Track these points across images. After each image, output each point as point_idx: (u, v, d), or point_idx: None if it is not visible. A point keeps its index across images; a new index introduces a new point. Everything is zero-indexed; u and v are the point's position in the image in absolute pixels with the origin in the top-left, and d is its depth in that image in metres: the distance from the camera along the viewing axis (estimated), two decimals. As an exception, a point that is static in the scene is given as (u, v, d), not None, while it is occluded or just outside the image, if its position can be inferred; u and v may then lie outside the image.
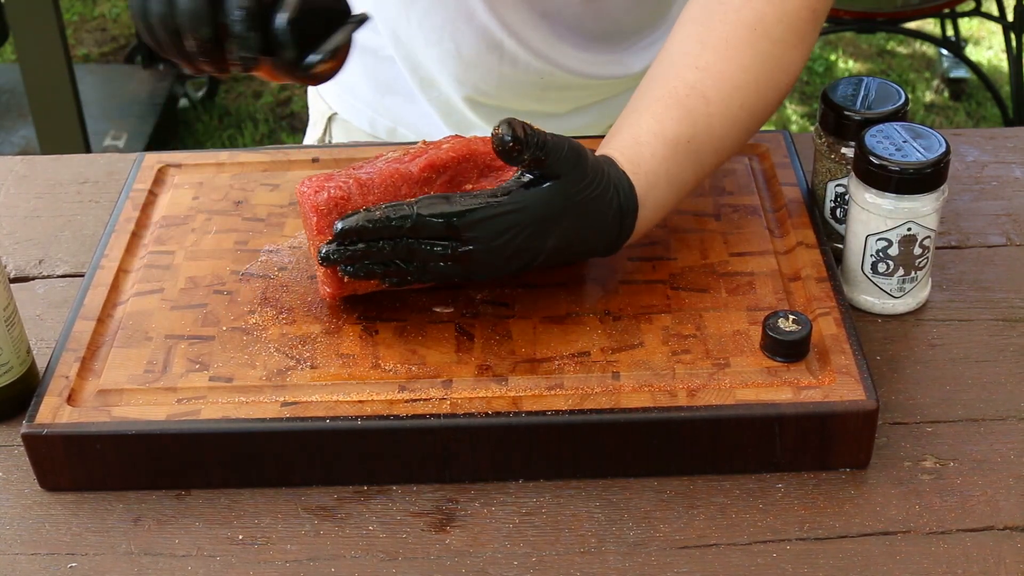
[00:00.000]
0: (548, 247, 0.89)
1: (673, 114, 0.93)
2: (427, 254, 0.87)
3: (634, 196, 0.91)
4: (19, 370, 0.93)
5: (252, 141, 3.08)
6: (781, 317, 0.89)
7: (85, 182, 1.18)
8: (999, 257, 1.05)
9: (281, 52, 0.86)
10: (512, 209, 0.87)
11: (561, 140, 0.87)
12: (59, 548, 0.85)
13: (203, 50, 0.86)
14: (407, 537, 0.85)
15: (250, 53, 0.85)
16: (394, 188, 0.91)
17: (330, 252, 0.88)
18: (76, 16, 3.61)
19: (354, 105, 1.27)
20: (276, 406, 0.88)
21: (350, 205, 0.90)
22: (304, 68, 0.88)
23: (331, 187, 0.90)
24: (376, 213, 0.86)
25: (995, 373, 0.95)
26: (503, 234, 0.87)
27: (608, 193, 0.89)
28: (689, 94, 0.94)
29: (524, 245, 0.88)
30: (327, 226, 0.90)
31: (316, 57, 0.87)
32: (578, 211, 0.88)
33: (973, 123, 3.04)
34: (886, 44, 3.38)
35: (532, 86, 1.18)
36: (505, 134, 0.84)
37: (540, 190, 0.87)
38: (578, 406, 0.86)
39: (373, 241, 0.87)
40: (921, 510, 0.85)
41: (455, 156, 0.93)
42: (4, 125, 2.93)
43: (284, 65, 0.87)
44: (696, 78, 0.94)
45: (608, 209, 0.89)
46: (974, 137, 1.20)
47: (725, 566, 0.82)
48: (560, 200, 0.87)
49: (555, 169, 0.87)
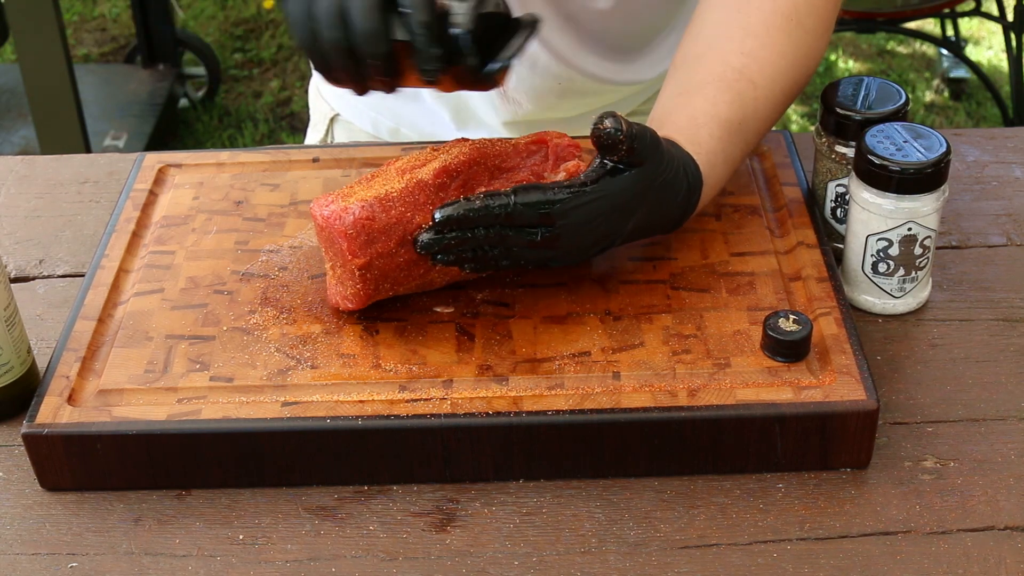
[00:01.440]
0: (627, 230, 0.92)
1: (725, 98, 0.97)
2: (517, 240, 0.88)
3: (699, 175, 0.94)
4: (19, 370, 0.93)
5: (252, 141, 3.08)
6: (782, 317, 0.89)
7: (85, 182, 1.18)
8: (999, 257, 1.05)
9: (463, 62, 0.88)
10: (600, 196, 0.89)
11: (644, 128, 0.90)
12: (59, 548, 0.85)
13: (381, 70, 0.87)
14: (407, 537, 0.85)
15: (435, 66, 0.87)
16: (412, 198, 0.91)
17: (429, 241, 0.88)
18: (76, 16, 3.61)
19: (356, 106, 1.27)
20: (276, 406, 0.88)
21: (376, 224, 0.89)
22: (486, 75, 0.89)
23: (356, 209, 0.89)
24: (476, 202, 0.87)
25: (995, 373, 0.95)
26: (591, 221, 0.89)
27: (679, 174, 0.93)
28: (738, 79, 0.97)
29: (607, 230, 0.91)
30: (359, 248, 0.89)
31: (497, 65, 0.89)
32: (656, 194, 0.91)
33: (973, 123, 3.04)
34: (886, 44, 3.38)
35: (549, 92, 1.19)
36: (614, 128, 0.87)
37: (625, 177, 0.90)
38: (578, 406, 0.86)
39: (468, 229, 0.88)
40: (921, 510, 0.85)
41: (466, 160, 0.93)
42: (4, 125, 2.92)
43: (466, 74, 0.89)
44: (742, 63, 0.98)
45: (680, 189, 0.93)
46: (974, 137, 1.20)
47: (725, 566, 0.82)
48: (643, 186, 0.90)
49: (640, 157, 0.89)
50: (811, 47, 1.01)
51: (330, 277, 0.94)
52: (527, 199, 0.87)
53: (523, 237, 0.88)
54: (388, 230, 0.90)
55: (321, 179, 1.09)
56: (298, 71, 3.34)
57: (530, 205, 0.87)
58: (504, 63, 0.89)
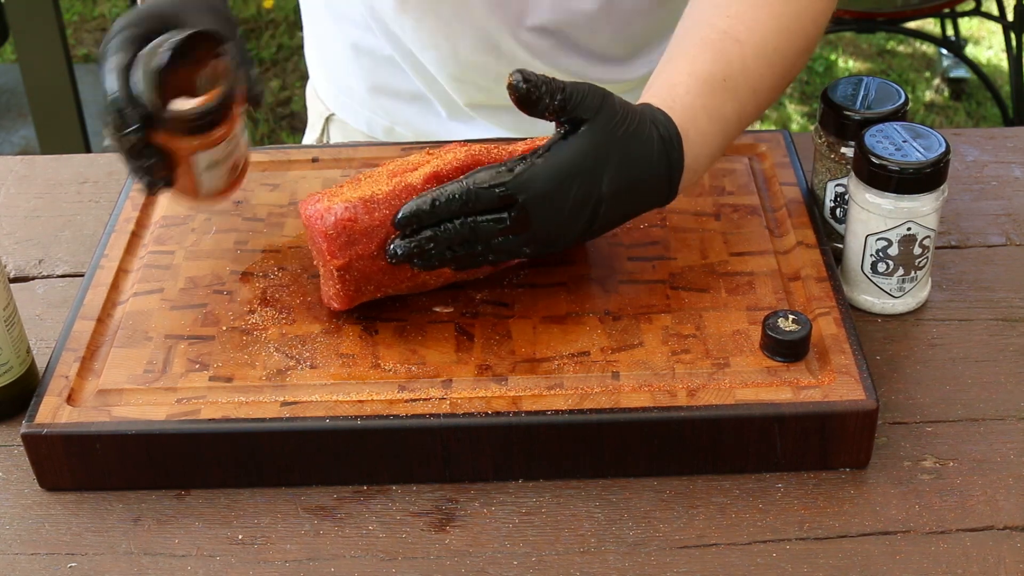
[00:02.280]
0: (605, 192, 0.88)
1: (706, 56, 0.94)
2: (488, 228, 0.87)
3: (673, 126, 0.90)
4: (19, 370, 0.93)
5: (252, 141, 3.08)
6: (781, 317, 0.89)
7: (85, 182, 1.18)
8: (999, 257, 1.05)
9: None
10: (556, 161, 0.87)
11: (581, 84, 0.87)
12: (59, 548, 0.85)
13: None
14: (407, 537, 0.85)
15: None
16: (399, 202, 0.90)
17: (398, 248, 0.88)
18: (76, 16, 3.61)
19: (350, 105, 1.27)
20: (276, 406, 0.88)
21: (357, 226, 0.89)
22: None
23: (339, 210, 0.89)
24: (428, 196, 0.86)
25: (995, 373, 0.95)
26: (557, 189, 0.86)
27: (646, 126, 0.89)
28: (721, 38, 0.94)
29: (580, 195, 0.87)
30: (338, 249, 0.89)
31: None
32: (621, 148, 0.88)
33: (973, 123, 3.04)
34: (886, 44, 3.38)
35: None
36: (518, 81, 0.85)
37: (577, 136, 0.87)
38: (578, 406, 0.86)
39: (435, 226, 0.87)
40: (921, 510, 0.85)
41: (459, 166, 0.92)
42: (4, 125, 2.92)
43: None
44: (727, 24, 0.95)
45: (651, 141, 0.89)
46: (974, 137, 1.20)
47: (725, 566, 0.82)
48: (600, 139, 0.87)
49: (582, 112, 0.87)
50: (808, 7, 0.98)
51: (322, 275, 0.94)
52: (479, 179, 0.86)
53: (493, 225, 0.87)
54: (370, 232, 0.89)
55: (320, 179, 1.09)
56: (298, 71, 3.34)
57: (485, 185, 0.86)
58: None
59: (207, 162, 0.94)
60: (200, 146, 0.92)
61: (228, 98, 0.91)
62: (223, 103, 0.90)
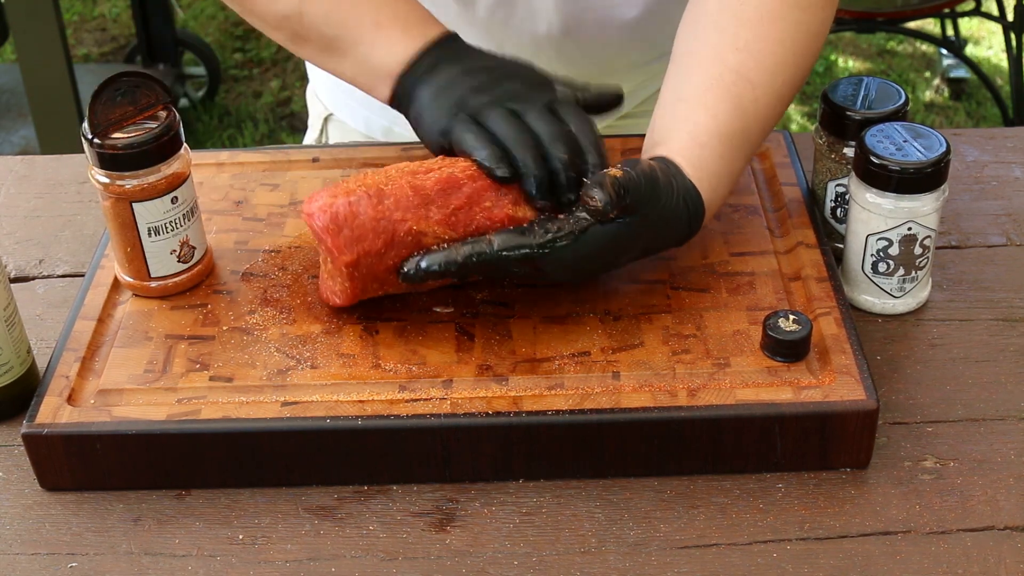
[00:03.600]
0: (623, 263, 0.92)
1: (725, 107, 0.94)
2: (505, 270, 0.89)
3: (701, 201, 0.92)
4: (19, 370, 0.93)
5: (252, 141, 3.08)
6: (781, 317, 0.89)
7: (85, 182, 1.18)
8: (999, 257, 1.05)
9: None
10: (587, 249, 0.88)
11: (637, 176, 0.88)
12: (59, 548, 0.85)
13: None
14: (407, 537, 0.85)
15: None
16: (407, 201, 0.89)
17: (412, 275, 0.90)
18: (76, 16, 3.61)
19: (349, 105, 1.27)
20: (276, 406, 0.88)
21: (360, 220, 0.88)
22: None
23: (341, 205, 0.89)
24: (458, 256, 0.87)
25: (995, 373, 0.95)
26: (580, 262, 0.89)
27: (679, 206, 0.91)
28: (736, 80, 0.95)
29: (601, 268, 0.92)
30: (344, 245, 0.89)
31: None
32: (653, 231, 0.91)
33: (973, 123, 3.04)
34: (886, 44, 3.38)
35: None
36: (603, 202, 0.86)
37: (616, 224, 0.88)
38: (578, 406, 0.86)
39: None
40: (921, 510, 0.85)
41: (473, 174, 0.92)
42: (4, 125, 2.92)
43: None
44: (738, 60, 0.95)
45: (679, 220, 0.92)
46: (974, 137, 1.20)
47: (725, 566, 0.82)
48: (637, 229, 0.89)
49: (634, 208, 0.88)
50: (811, 25, 0.98)
51: (323, 271, 0.94)
52: (509, 247, 0.87)
53: (511, 269, 0.89)
54: (376, 228, 0.89)
55: (321, 179, 1.09)
56: (298, 71, 3.34)
57: (512, 252, 0.87)
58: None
59: None
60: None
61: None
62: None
